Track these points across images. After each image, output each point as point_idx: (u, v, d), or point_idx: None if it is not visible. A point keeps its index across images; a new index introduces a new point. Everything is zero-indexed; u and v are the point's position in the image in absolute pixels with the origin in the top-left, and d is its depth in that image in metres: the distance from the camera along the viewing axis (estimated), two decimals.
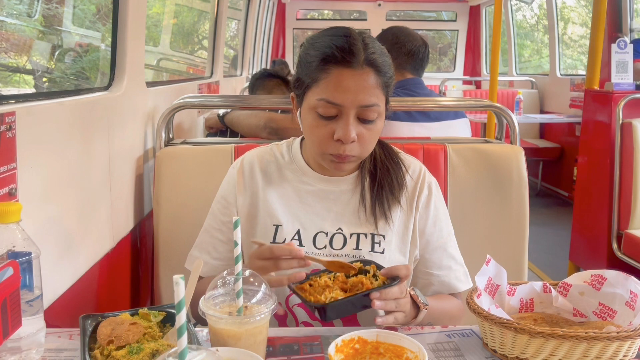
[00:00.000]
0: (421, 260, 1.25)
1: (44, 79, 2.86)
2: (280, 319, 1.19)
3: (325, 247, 1.19)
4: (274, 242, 1.19)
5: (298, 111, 1.20)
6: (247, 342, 0.82)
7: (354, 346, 0.86)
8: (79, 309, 1.26)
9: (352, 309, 1.04)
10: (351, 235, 1.20)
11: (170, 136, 1.79)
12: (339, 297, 0.97)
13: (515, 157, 1.75)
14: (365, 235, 1.20)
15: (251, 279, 0.86)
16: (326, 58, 1.09)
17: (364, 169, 1.24)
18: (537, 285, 1.05)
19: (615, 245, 3.06)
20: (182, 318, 0.59)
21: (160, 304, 1.65)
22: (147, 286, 1.75)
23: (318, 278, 1.03)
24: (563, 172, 5.76)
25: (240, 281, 0.84)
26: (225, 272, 0.87)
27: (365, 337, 0.86)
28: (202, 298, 0.85)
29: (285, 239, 1.18)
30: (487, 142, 1.90)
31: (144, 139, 1.76)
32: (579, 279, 1.05)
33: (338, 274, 1.04)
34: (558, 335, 0.86)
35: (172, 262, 1.64)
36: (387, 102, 1.16)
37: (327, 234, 1.20)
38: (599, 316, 1.01)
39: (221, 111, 2.33)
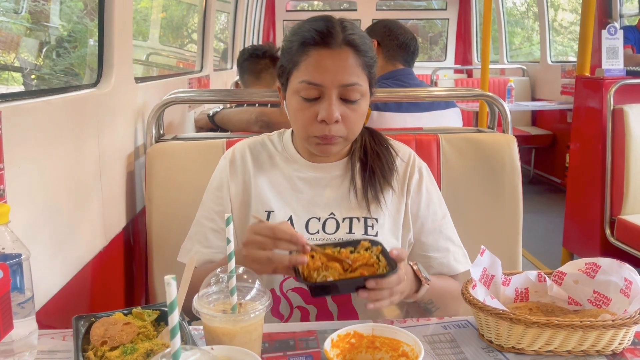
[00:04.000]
0: (417, 243, 1.25)
1: (33, 77, 2.82)
2: (274, 303, 1.19)
3: (318, 231, 1.19)
4: None
5: (285, 101, 1.20)
6: (242, 339, 0.81)
7: (349, 341, 0.85)
8: (72, 309, 1.25)
9: (344, 290, 1.04)
10: (344, 219, 1.20)
11: (161, 132, 1.77)
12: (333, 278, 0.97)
13: (507, 145, 1.74)
14: (358, 219, 1.20)
15: (245, 276, 0.86)
16: (305, 41, 1.11)
17: (353, 155, 1.25)
18: (532, 274, 1.05)
19: (608, 231, 3.08)
20: (174, 319, 0.58)
21: (155, 301, 1.64)
22: (141, 283, 1.74)
23: (321, 251, 1.03)
24: (555, 159, 5.78)
25: (234, 278, 0.83)
26: (218, 269, 0.86)
27: (361, 332, 0.86)
28: (195, 296, 0.85)
29: None
30: (480, 131, 1.90)
31: (134, 136, 1.74)
32: (573, 267, 1.05)
33: (343, 249, 1.03)
34: (553, 325, 0.86)
35: (166, 259, 1.63)
36: (371, 85, 1.17)
37: (319, 219, 1.20)
38: (594, 304, 1.01)
39: (211, 111, 2.29)
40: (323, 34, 1.10)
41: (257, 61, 2.45)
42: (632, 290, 0.95)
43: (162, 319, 0.97)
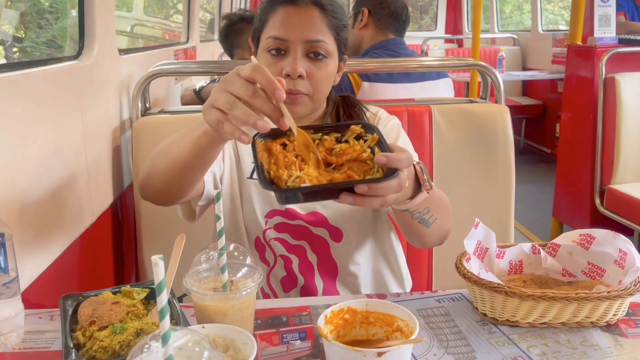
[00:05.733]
0: None
1: (15, 49, 2.74)
2: (259, 252, 1.24)
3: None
4: None
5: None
6: (234, 317, 0.80)
7: (343, 317, 0.84)
8: (60, 288, 1.23)
9: (322, 197, 0.81)
10: None
11: (147, 106, 1.73)
12: (309, 182, 0.74)
13: (500, 116, 1.73)
14: None
15: (235, 253, 0.84)
16: (274, 0, 1.14)
17: (325, 120, 1.25)
18: (526, 246, 1.04)
19: (598, 201, 3.09)
20: (163, 300, 0.56)
21: (145, 278, 1.63)
22: (131, 260, 1.72)
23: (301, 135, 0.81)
24: (546, 129, 5.78)
25: (225, 256, 0.81)
26: (209, 246, 0.84)
27: (354, 307, 0.84)
28: (185, 274, 0.83)
29: None
30: (472, 102, 1.87)
31: (119, 110, 1.70)
32: (567, 239, 1.04)
33: (326, 137, 0.82)
34: (548, 297, 0.86)
35: (155, 235, 1.61)
36: (340, 49, 1.18)
37: None
38: (588, 275, 1.01)
39: (197, 85, 2.23)
40: None
41: (246, 26, 2.34)
42: (626, 262, 0.95)
43: (151, 297, 0.95)
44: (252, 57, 0.89)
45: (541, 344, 0.87)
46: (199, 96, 2.16)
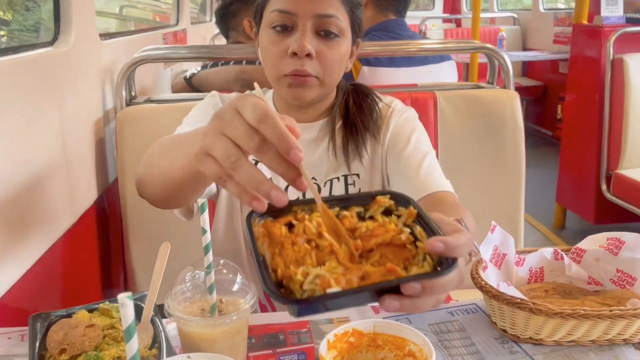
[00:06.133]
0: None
1: (2, 33, 2.61)
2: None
3: (298, 198, 1.08)
4: None
5: (259, 47, 1.08)
6: (224, 345, 0.70)
7: (348, 340, 0.74)
8: (37, 299, 1.13)
9: (353, 304, 0.59)
10: (325, 183, 1.11)
11: (133, 94, 1.61)
12: (335, 283, 0.51)
13: (509, 102, 1.63)
14: (338, 178, 1.11)
15: (224, 270, 0.74)
16: None
17: (333, 114, 1.13)
18: (548, 252, 0.94)
19: (604, 187, 3.00)
20: (132, 347, 0.47)
21: (134, 279, 1.53)
22: (118, 261, 1.62)
23: (307, 214, 0.60)
24: (546, 111, 5.66)
25: (212, 274, 0.71)
26: (192, 263, 0.74)
27: (360, 329, 0.75)
28: (167, 296, 0.73)
29: None
30: (478, 87, 1.77)
31: (102, 99, 1.58)
32: (593, 243, 0.94)
33: (344, 212, 0.60)
34: (579, 315, 0.76)
35: (143, 232, 1.51)
36: (354, 29, 1.05)
37: None
38: (617, 284, 0.91)
39: (188, 73, 2.09)
40: None
41: (231, 10, 2.19)
42: None
43: (135, 314, 0.85)
44: (256, 85, 0.68)
45: None
46: (190, 84, 2.02)
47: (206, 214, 0.69)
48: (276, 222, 0.58)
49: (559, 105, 5.14)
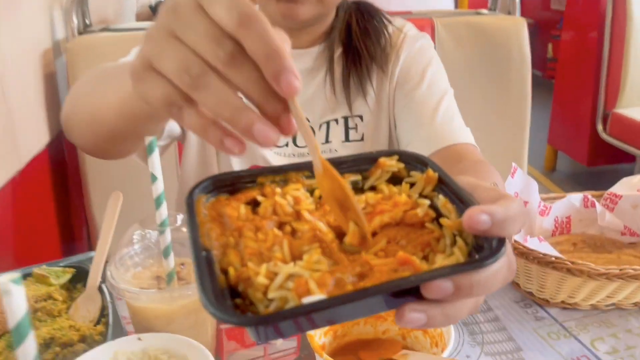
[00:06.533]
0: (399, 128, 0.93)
1: None
2: None
3: (287, 144, 0.91)
4: None
5: None
6: (185, 323, 0.54)
7: None
8: None
9: (348, 317, 0.38)
10: (320, 125, 0.93)
11: (87, 22, 1.40)
12: (317, 288, 0.31)
13: (515, 31, 1.46)
14: (336, 120, 0.92)
15: (184, 228, 0.57)
16: None
17: (332, 37, 0.92)
18: (576, 199, 0.80)
19: (600, 127, 2.87)
20: (27, 354, 0.31)
21: (96, 228, 1.37)
22: (80, 212, 1.45)
23: (280, 187, 0.39)
24: (536, 50, 5.45)
25: (168, 233, 0.54)
26: (140, 220, 0.57)
27: None
28: (109, 263, 0.56)
29: None
30: (479, 13, 1.58)
31: (50, 28, 1.36)
32: (629, 188, 0.80)
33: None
34: (629, 276, 0.62)
35: (105, 178, 1.35)
36: None
37: None
38: None
39: (154, 1, 1.85)
40: None
41: None
42: None
43: (78, 280, 0.69)
44: None
45: (608, 336, 0.65)
46: (155, 13, 1.79)
47: (155, 154, 0.52)
48: (232, 200, 0.38)
49: (549, 43, 4.95)
